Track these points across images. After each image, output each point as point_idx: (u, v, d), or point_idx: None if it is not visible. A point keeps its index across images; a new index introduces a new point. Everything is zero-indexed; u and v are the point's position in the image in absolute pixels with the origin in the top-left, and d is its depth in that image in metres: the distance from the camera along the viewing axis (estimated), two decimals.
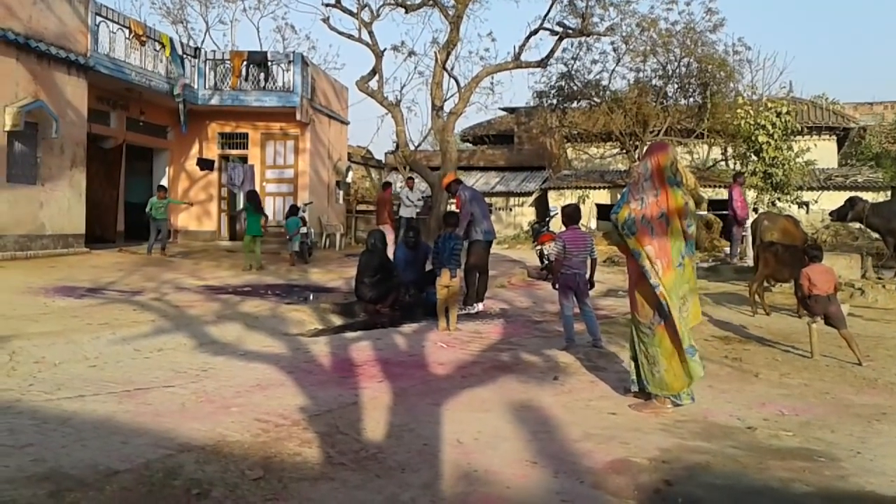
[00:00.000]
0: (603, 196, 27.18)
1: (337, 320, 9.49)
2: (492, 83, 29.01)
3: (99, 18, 16.16)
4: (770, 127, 18.58)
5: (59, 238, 14.89)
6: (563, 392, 5.69)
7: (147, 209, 16.04)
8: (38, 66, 14.21)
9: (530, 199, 29.05)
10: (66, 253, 14.79)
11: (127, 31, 17.27)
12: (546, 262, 14.45)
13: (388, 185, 18.05)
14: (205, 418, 4.79)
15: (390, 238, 14.68)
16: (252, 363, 6.58)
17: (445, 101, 22.22)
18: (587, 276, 7.69)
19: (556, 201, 26.00)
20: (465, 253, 10.28)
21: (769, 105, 19.35)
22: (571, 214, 7.88)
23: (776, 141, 18.72)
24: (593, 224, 26.76)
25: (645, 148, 22.50)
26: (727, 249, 17.94)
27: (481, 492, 3.67)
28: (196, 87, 20.08)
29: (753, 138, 18.96)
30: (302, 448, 4.26)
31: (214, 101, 20.42)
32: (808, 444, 4.51)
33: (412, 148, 27.07)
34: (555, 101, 26.95)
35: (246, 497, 3.53)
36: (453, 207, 12.04)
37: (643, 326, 5.24)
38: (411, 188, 20.11)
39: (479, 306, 10.26)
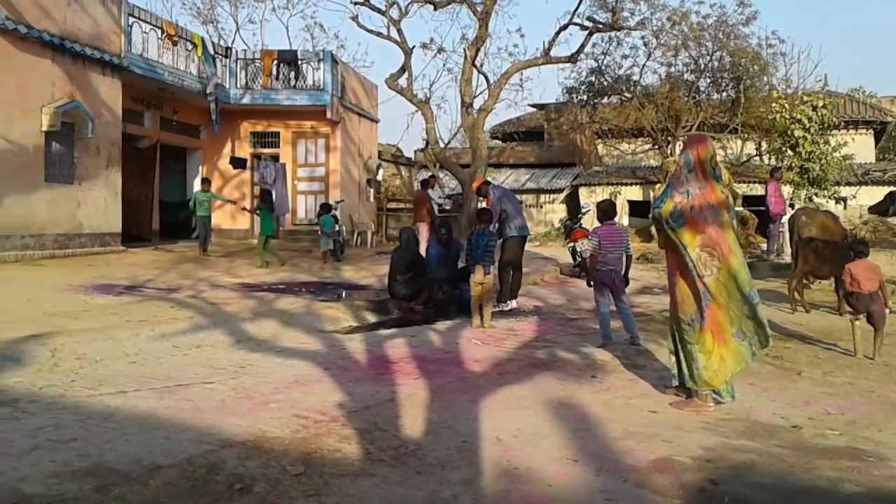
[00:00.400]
0: (635, 192, 26.95)
1: (371, 317, 9.51)
2: (521, 80, 28.98)
3: (132, 19, 16.35)
4: (806, 121, 18.28)
5: (97, 237, 15.10)
6: (601, 390, 5.64)
7: (191, 203, 16.01)
8: (73, 67, 14.41)
9: (561, 196, 28.89)
10: (103, 251, 15.00)
11: (159, 32, 17.45)
12: (579, 259, 14.35)
13: (426, 182, 18.03)
14: (245, 414, 4.81)
15: (426, 236, 14.68)
16: (289, 360, 6.61)
17: (475, 97, 22.20)
18: (623, 272, 7.61)
19: (587, 198, 25.81)
20: (499, 250, 10.26)
21: (805, 99, 19.04)
22: (607, 210, 7.81)
23: (812, 135, 18.41)
24: (625, 221, 26.53)
25: (681, 142, 22.28)
26: (763, 246, 17.69)
27: (523, 489, 3.64)
28: (228, 86, 20.25)
29: (789, 133, 18.66)
30: (341, 444, 4.27)
31: (246, 100, 20.57)
32: (855, 444, 4.41)
33: (442, 145, 27.05)
34: (585, 97, 26.75)
35: (288, 492, 3.54)
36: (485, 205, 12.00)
37: (684, 323, 5.17)
38: (433, 187, 20.02)
39: (513, 303, 10.22)
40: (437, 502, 3.42)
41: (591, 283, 7.74)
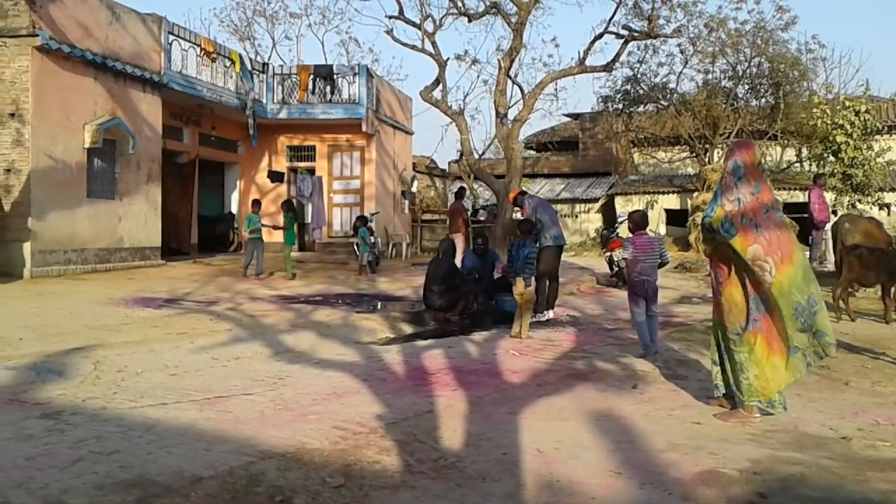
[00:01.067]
0: (672, 201, 26.69)
1: (407, 328, 9.50)
2: (556, 89, 28.89)
3: (171, 37, 16.63)
4: (848, 126, 17.94)
5: (137, 251, 15.33)
6: (643, 401, 5.55)
7: (245, 227, 15.16)
8: (114, 85, 14.70)
9: (596, 206, 28.73)
10: (143, 265, 15.23)
11: (198, 49, 17.73)
12: (616, 268, 14.23)
13: (461, 193, 18.04)
14: (284, 426, 4.82)
15: (462, 247, 14.67)
16: (327, 371, 6.61)
17: (509, 108, 22.11)
18: (656, 281, 7.52)
19: (624, 207, 25.62)
20: (536, 260, 10.19)
21: (847, 104, 18.69)
22: (639, 221, 7.74)
23: (855, 141, 18.07)
24: (662, 230, 26.28)
25: (719, 149, 21.98)
26: (806, 254, 17.36)
27: (566, 502, 3.57)
28: (265, 101, 20.49)
29: (831, 138, 18.34)
30: (381, 456, 4.24)
31: (283, 114, 20.80)
32: None
33: (476, 156, 27.06)
34: (620, 106, 26.61)
35: None
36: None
37: (732, 333, 5.05)
38: (462, 198, 20.00)
39: (550, 314, 10.13)
40: None
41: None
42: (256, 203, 15.93)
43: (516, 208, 10.91)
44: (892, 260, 9.81)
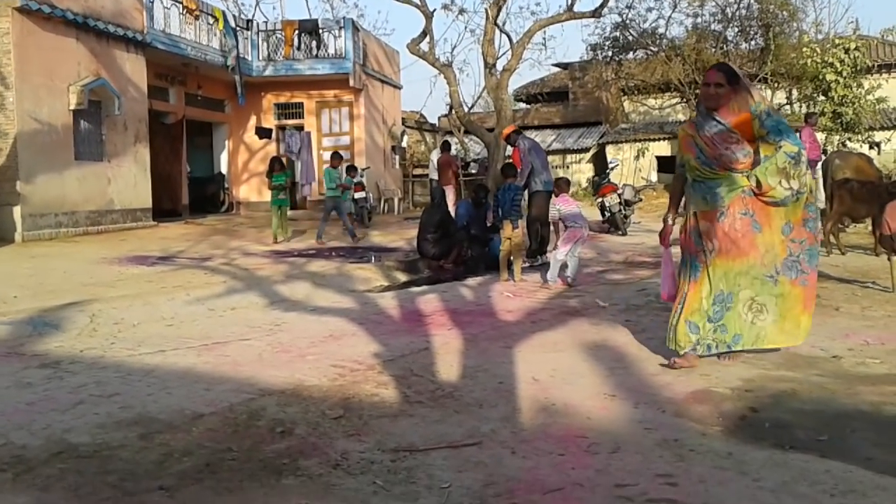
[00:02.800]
0: (663, 148, 26.58)
1: (402, 277, 9.55)
2: (544, 38, 28.63)
3: None
4: (838, 64, 17.86)
5: (128, 212, 15.28)
6: (637, 331, 5.61)
7: (326, 183, 13.67)
8: (97, 45, 14.49)
9: (588, 156, 28.62)
10: (135, 227, 15.18)
11: (180, 7, 17.45)
12: (608, 213, 14.24)
13: (447, 146, 17.96)
14: (282, 366, 4.86)
15: (453, 199, 14.66)
16: (323, 317, 6.65)
17: (498, 58, 21.89)
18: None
19: (615, 155, 25.54)
20: (527, 205, 10.20)
21: (836, 42, 18.57)
22: (563, 187, 8.83)
23: (845, 79, 18.00)
24: (654, 177, 26.24)
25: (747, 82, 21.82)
26: None
27: (561, 423, 3.64)
28: (250, 58, 20.24)
29: (821, 77, 18.26)
30: (379, 389, 4.29)
31: (269, 71, 20.56)
32: None
33: (466, 109, 26.86)
34: (610, 53, 26.34)
35: (328, 433, 3.57)
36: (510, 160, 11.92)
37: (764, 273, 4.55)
38: (449, 149, 19.80)
39: (543, 259, 10.16)
40: (476, 436, 3.44)
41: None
42: (337, 156, 14.31)
43: (510, 146, 10.81)
44: (883, 193, 9.82)
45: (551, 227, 10.38)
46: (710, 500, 2.72)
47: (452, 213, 11.52)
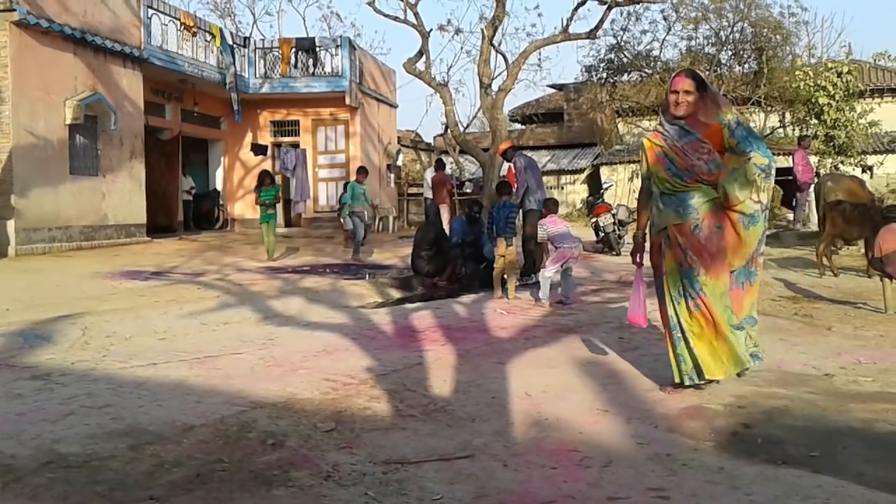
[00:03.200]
0: None
1: (396, 293, 9.54)
2: (539, 59, 28.77)
3: (151, 11, 16.42)
4: (831, 88, 18.00)
5: (122, 228, 15.24)
6: (629, 349, 5.61)
7: (348, 198, 13.35)
8: (94, 60, 14.53)
9: (582, 177, 28.75)
10: (128, 242, 15.14)
11: (178, 23, 17.54)
12: (602, 233, 14.29)
13: (441, 164, 18.03)
14: (274, 380, 4.85)
15: (447, 217, 14.68)
16: (316, 332, 6.64)
17: (494, 78, 22.01)
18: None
19: (609, 176, 25.65)
20: (521, 223, 10.23)
21: (829, 65, 18.75)
22: (552, 208, 8.96)
23: (837, 102, 18.13)
24: None
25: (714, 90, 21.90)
26: (789, 216, 17.49)
27: (554, 437, 3.63)
28: (247, 75, 20.31)
29: (813, 100, 18.39)
30: (371, 403, 4.28)
31: (265, 89, 20.63)
32: (888, 389, 4.36)
33: (461, 129, 26.98)
34: (604, 75, 26.58)
35: (319, 446, 3.56)
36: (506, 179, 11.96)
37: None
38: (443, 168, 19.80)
39: (536, 277, 10.17)
40: (468, 449, 3.43)
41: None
42: (363, 171, 13.80)
43: (506, 162, 10.85)
44: (875, 215, 9.87)
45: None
46: None
47: (448, 229, 11.54)
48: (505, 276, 8.78)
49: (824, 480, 2.99)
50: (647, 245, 4.59)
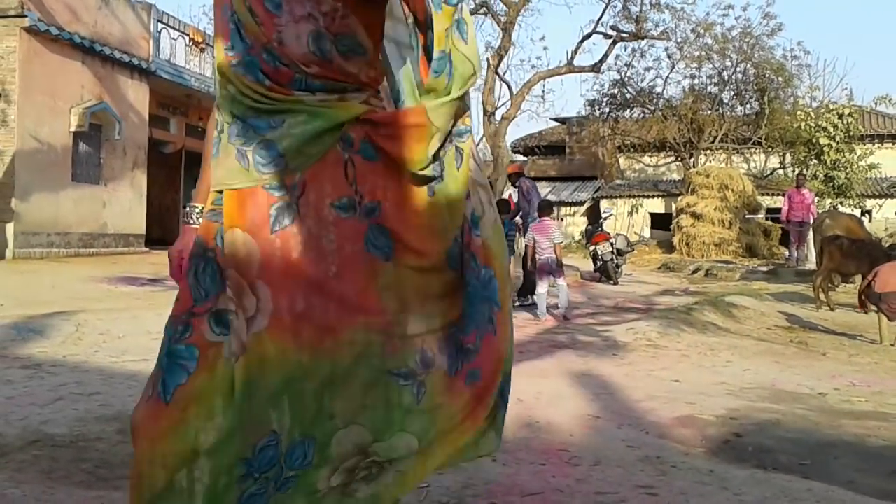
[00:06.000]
0: (657, 205, 26.87)
1: None
2: (543, 91, 29.08)
3: (160, 25, 16.61)
4: (832, 129, 18.18)
5: (121, 237, 15.27)
6: (623, 364, 5.60)
7: None
8: (102, 70, 14.65)
9: (582, 209, 28.87)
10: (127, 251, 15.16)
11: (187, 38, 17.72)
12: (600, 262, 14.30)
13: None
14: None
15: None
16: None
17: (497, 108, 22.28)
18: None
19: (609, 205, 25.79)
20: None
21: (830, 107, 18.95)
22: (544, 207, 9.00)
23: (838, 143, 18.30)
24: (647, 233, 26.45)
25: (704, 155, 21.84)
26: (787, 253, 17.54)
27: (544, 438, 3.62)
28: None
29: (814, 141, 18.56)
30: None
31: None
32: (881, 409, 4.35)
33: None
34: (607, 110, 26.84)
35: None
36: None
37: None
38: None
39: (533, 298, 10.17)
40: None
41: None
42: None
43: (514, 187, 10.97)
44: (873, 250, 9.92)
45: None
46: None
47: None
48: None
49: (814, 485, 2.97)
50: None
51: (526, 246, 9.49)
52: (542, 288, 8.59)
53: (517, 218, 10.22)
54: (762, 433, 3.74)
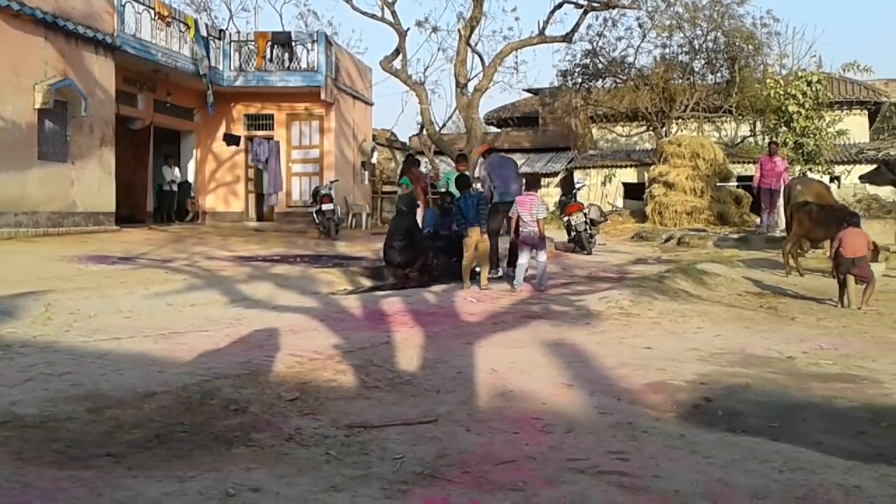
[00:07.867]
0: (630, 175, 26.97)
1: (367, 282, 9.51)
2: (516, 62, 29.00)
3: None
4: (801, 96, 18.29)
5: (90, 215, 15.03)
6: (596, 332, 5.65)
7: (442, 183, 13.21)
8: (66, 46, 14.32)
9: (556, 180, 28.89)
10: (97, 230, 14.93)
11: (152, 12, 17.35)
12: (574, 232, 14.35)
13: (416, 161, 18.01)
14: (239, 354, 4.81)
15: (422, 213, 14.64)
16: (284, 314, 6.60)
17: (470, 79, 22.12)
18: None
19: (582, 175, 25.83)
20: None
21: (799, 75, 19.06)
22: (531, 182, 8.98)
23: (807, 111, 18.43)
24: (620, 202, 26.59)
25: (676, 124, 22.03)
26: (757, 220, 17.71)
27: (517, 407, 3.65)
28: (221, 68, 20.14)
29: (783, 108, 18.67)
30: (337, 376, 4.27)
31: (239, 82, 20.47)
32: (848, 371, 4.44)
33: (437, 129, 27.01)
34: (579, 80, 26.78)
35: (283, 412, 3.54)
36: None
37: None
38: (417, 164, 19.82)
39: (500, 271, 10.17)
40: (431, 416, 3.43)
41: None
42: (463, 158, 12.65)
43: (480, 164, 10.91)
44: (842, 216, 10.04)
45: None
46: (661, 473, 2.73)
47: (421, 221, 11.51)
48: (477, 268, 8.81)
49: (782, 447, 3.04)
50: None
51: (509, 218, 9.52)
52: (522, 259, 8.67)
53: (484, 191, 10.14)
54: (732, 397, 3.80)
